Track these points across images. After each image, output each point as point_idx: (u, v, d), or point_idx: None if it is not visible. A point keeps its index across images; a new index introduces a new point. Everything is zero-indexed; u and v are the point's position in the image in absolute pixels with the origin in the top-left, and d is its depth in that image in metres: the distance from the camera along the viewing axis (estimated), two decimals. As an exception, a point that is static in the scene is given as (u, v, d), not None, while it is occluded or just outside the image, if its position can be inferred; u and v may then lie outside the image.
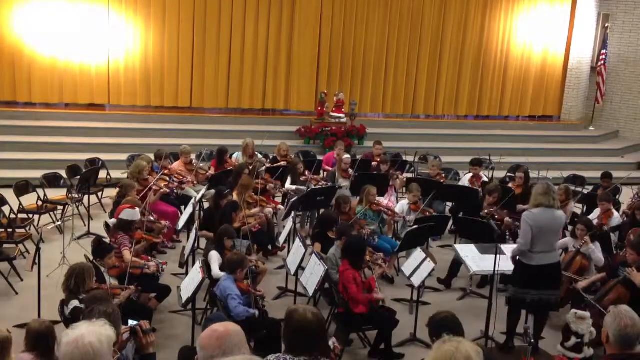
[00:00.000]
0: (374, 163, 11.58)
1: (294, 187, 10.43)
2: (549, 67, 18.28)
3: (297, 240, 7.67)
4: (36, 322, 5.03)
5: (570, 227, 8.84)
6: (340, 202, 8.91)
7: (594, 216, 9.46)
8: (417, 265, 7.33)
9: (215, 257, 7.34)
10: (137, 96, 15.38)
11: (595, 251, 7.86)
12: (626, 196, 11.55)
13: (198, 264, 6.59)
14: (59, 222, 9.56)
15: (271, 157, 11.97)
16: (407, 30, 16.87)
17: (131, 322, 4.28)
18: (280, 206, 10.22)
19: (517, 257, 6.90)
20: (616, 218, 9.37)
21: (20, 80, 14.50)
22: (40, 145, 13.35)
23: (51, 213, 10.08)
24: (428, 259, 7.24)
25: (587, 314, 6.81)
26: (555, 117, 18.80)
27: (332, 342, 4.73)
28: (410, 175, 12.03)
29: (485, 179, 11.12)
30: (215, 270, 7.18)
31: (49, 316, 6.55)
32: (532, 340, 5.54)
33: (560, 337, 6.95)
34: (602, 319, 4.21)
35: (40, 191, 10.14)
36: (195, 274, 6.46)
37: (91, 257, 7.15)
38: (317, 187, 10.31)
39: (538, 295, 6.82)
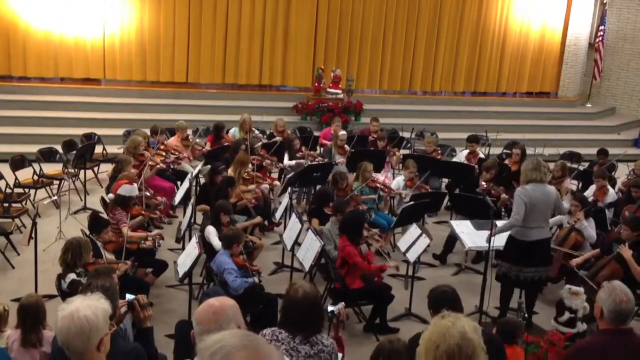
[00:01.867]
0: (370, 138, 11.57)
1: (293, 162, 10.43)
2: (546, 44, 18.21)
3: (294, 215, 7.69)
4: (25, 297, 5.06)
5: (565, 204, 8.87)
6: (337, 178, 8.93)
7: (590, 193, 9.48)
8: (412, 241, 7.36)
9: (212, 232, 7.36)
10: (133, 71, 15.29)
11: (588, 228, 7.89)
12: (622, 173, 11.59)
13: (194, 239, 6.61)
14: (55, 197, 9.55)
15: (268, 132, 11.95)
16: (404, 6, 16.76)
17: (128, 296, 4.31)
18: (276, 182, 10.23)
19: (510, 234, 6.92)
20: (611, 195, 9.39)
21: (15, 55, 14.38)
22: (36, 119, 13.30)
23: (47, 188, 10.07)
24: (424, 235, 7.27)
25: (581, 289, 6.86)
26: (553, 93, 18.77)
27: (338, 307, 4.76)
28: (406, 151, 12.03)
29: (482, 156, 11.13)
30: (216, 242, 7.19)
31: (46, 290, 6.60)
32: (526, 315, 5.59)
33: (554, 312, 7.01)
34: (596, 294, 4.24)
35: (36, 166, 10.12)
36: (192, 249, 6.48)
37: (88, 232, 7.17)
38: (314, 163, 10.31)
39: (530, 272, 6.88)
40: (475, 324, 3.04)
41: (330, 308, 4.64)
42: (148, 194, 8.61)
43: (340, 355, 4.16)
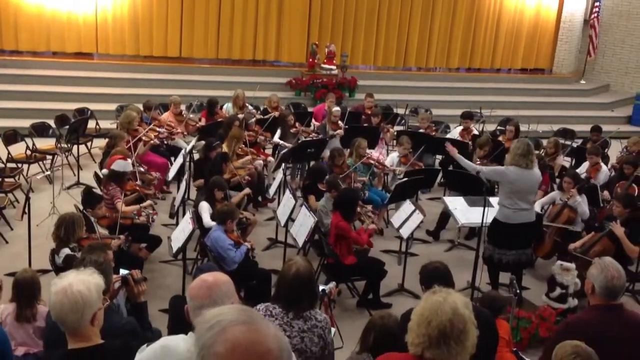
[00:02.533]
0: (364, 115, 11.54)
1: (280, 141, 10.39)
2: (541, 20, 18.13)
3: (287, 192, 7.70)
4: (21, 272, 5.07)
5: (558, 180, 8.91)
6: (334, 155, 8.90)
7: (583, 170, 9.51)
8: (406, 217, 7.38)
9: (205, 207, 7.37)
10: (126, 45, 15.18)
11: (582, 204, 7.93)
12: (615, 150, 11.62)
13: (188, 215, 6.61)
14: (48, 172, 9.52)
15: (262, 108, 11.90)
16: (399, -19, 16.66)
17: (122, 272, 4.33)
18: (270, 158, 10.22)
19: (494, 217, 6.96)
20: (604, 172, 9.42)
21: (6, 28, 14.26)
22: (28, 94, 13.21)
23: (40, 163, 10.04)
24: (417, 211, 7.29)
25: (572, 265, 6.92)
26: (547, 70, 18.74)
27: (329, 286, 4.82)
28: (400, 128, 12.01)
29: (476, 132, 11.13)
30: (207, 220, 7.21)
31: (40, 265, 6.61)
32: (518, 291, 5.63)
33: (546, 288, 7.08)
34: (587, 270, 4.27)
35: (28, 140, 10.08)
36: (186, 225, 6.49)
37: (81, 207, 7.16)
38: (308, 139, 10.29)
39: (512, 255, 6.92)
40: (466, 299, 3.06)
41: (321, 287, 4.68)
42: (142, 169, 8.59)
43: (333, 330, 4.19)
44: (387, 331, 4.08)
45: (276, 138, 10.47)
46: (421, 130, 10.86)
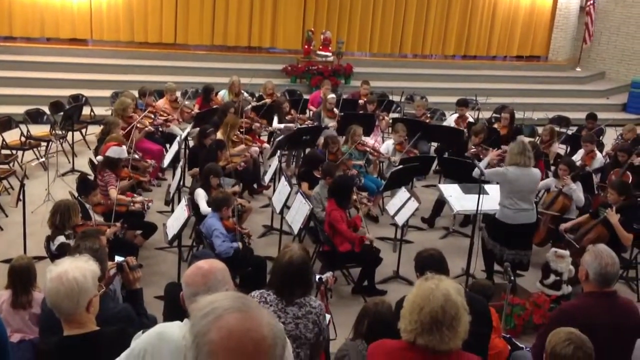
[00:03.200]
0: (360, 102, 11.52)
1: (281, 125, 10.39)
2: (537, 7, 18.10)
3: (283, 179, 7.69)
4: (17, 259, 5.07)
5: (553, 168, 8.92)
6: (328, 142, 8.90)
7: (578, 157, 9.53)
8: (401, 204, 7.40)
9: (202, 195, 7.36)
10: (120, 31, 15.10)
11: (577, 191, 7.94)
12: (610, 138, 11.63)
13: (184, 202, 6.60)
14: (43, 159, 9.50)
15: (257, 95, 11.87)
16: (395, -33, 16.59)
17: (118, 258, 4.33)
18: (266, 145, 10.20)
19: (495, 216, 6.99)
20: (599, 159, 9.44)
21: (0, 14, 14.15)
22: (22, 80, 13.14)
23: (35, 149, 10.00)
24: (412, 199, 7.30)
25: (567, 252, 6.94)
26: (543, 57, 18.73)
27: (326, 275, 4.84)
28: (396, 115, 12.00)
29: (471, 120, 11.13)
30: (204, 207, 7.21)
31: (35, 252, 6.61)
32: (512, 278, 5.66)
33: (540, 275, 7.10)
34: (581, 257, 4.29)
35: (23, 127, 10.04)
36: (181, 212, 6.48)
37: (76, 194, 7.15)
38: (303, 126, 10.28)
39: (511, 254, 6.93)
40: (459, 285, 3.08)
41: (318, 276, 4.70)
42: (137, 156, 8.57)
43: (328, 316, 4.21)
44: (381, 318, 4.09)
45: (275, 124, 10.45)
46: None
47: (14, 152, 9.61)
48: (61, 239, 5.89)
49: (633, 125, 10.70)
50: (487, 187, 7.35)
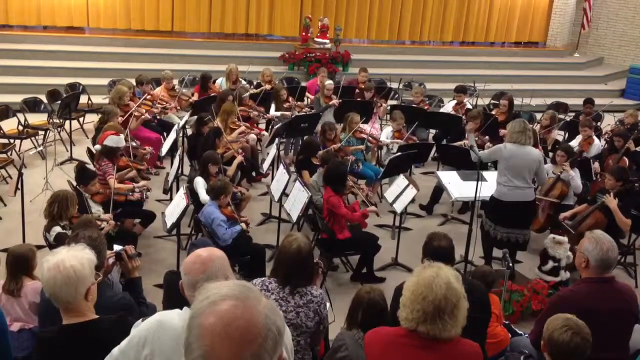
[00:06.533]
0: (358, 89, 11.50)
1: (278, 113, 10.38)
2: (536, -8, 18.05)
3: (281, 166, 7.69)
4: (15, 246, 5.08)
5: (551, 154, 8.92)
6: (325, 129, 8.89)
7: (575, 143, 9.52)
8: (399, 191, 7.40)
9: (201, 183, 7.35)
10: (117, 19, 15.03)
11: (575, 177, 7.94)
12: (608, 124, 11.62)
13: (182, 190, 6.61)
14: (41, 148, 9.49)
15: (255, 83, 11.84)
16: (393, -47, 16.51)
17: (116, 247, 4.33)
18: (264, 132, 10.19)
19: (492, 194, 6.96)
20: (597, 145, 9.43)
21: (-5, 2, 14.11)
22: (19, 68, 13.10)
23: (32, 138, 9.98)
24: (410, 186, 7.31)
25: (565, 238, 6.96)
26: (541, 43, 18.68)
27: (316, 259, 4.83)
28: (394, 102, 11.98)
29: (469, 106, 11.11)
30: (203, 195, 7.21)
31: (34, 241, 6.59)
32: (510, 264, 5.67)
33: (538, 261, 7.12)
34: (578, 243, 4.30)
35: (20, 116, 10.01)
36: (180, 200, 6.48)
37: (74, 183, 7.14)
38: (301, 113, 10.27)
39: (505, 233, 6.91)
40: (457, 272, 3.09)
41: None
42: (135, 144, 8.56)
43: (327, 304, 4.22)
44: (375, 305, 4.10)
45: (272, 111, 10.43)
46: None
47: (11, 141, 9.59)
48: (57, 229, 5.88)
49: (634, 110, 10.67)
50: (485, 173, 7.35)
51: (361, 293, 4.23)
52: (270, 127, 10.38)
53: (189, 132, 9.69)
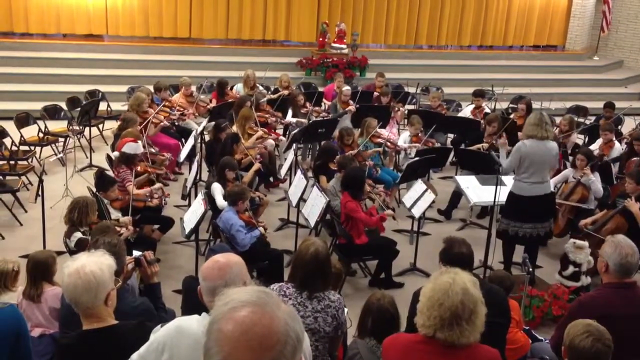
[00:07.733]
0: (375, 94, 11.48)
1: (293, 120, 10.39)
2: (554, -5, 17.93)
3: (299, 172, 7.70)
4: (36, 252, 5.13)
5: (571, 158, 8.84)
6: (343, 134, 8.89)
7: (596, 146, 9.43)
8: (417, 196, 7.37)
9: (218, 189, 7.38)
10: (135, 26, 15.15)
11: (595, 182, 7.87)
12: (628, 127, 11.51)
13: (200, 196, 6.63)
14: (61, 154, 9.58)
15: (272, 89, 11.87)
16: (410, -42, 16.48)
17: (135, 253, 4.35)
18: (281, 138, 10.21)
19: (510, 190, 6.93)
20: (617, 148, 9.34)
21: (16, 11, 14.26)
22: (39, 76, 13.24)
23: (52, 145, 10.08)
24: (429, 191, 7.28)
25: (585, 243, 6.89)
26: (560, 46, 18.54)
27: None
28: (411, 107, 11.95)
29: (488, 111, 11.05)
30: (220, 201, 7.23)
31: (54, 247, 6.65)
32: (530, 269, 5.62)
33: (559, 266, 7.06)
34: (600, 248, 4.25)
35: (40, 123, 10.11)
36: (198, 206, 6.51)
37: (94, 190, 7.20)
38: (318, 119, 10.27)
39: (529, 228, 6.86)
40: (474, 278, 3.07)
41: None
42: (153, 150, 8.61)
43: (345, 309, 4.21)
44: (384, 312, 4.08)
45: (289, 117, 10.45)
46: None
47: (32, 148, 9.69)
48: (78, 235, 5.94)
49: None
50: (504, 178, 7.30)
51: (371, 300, 4.21)
52: (287, 132, 10.40)
53: (207, 138, 9.73)
